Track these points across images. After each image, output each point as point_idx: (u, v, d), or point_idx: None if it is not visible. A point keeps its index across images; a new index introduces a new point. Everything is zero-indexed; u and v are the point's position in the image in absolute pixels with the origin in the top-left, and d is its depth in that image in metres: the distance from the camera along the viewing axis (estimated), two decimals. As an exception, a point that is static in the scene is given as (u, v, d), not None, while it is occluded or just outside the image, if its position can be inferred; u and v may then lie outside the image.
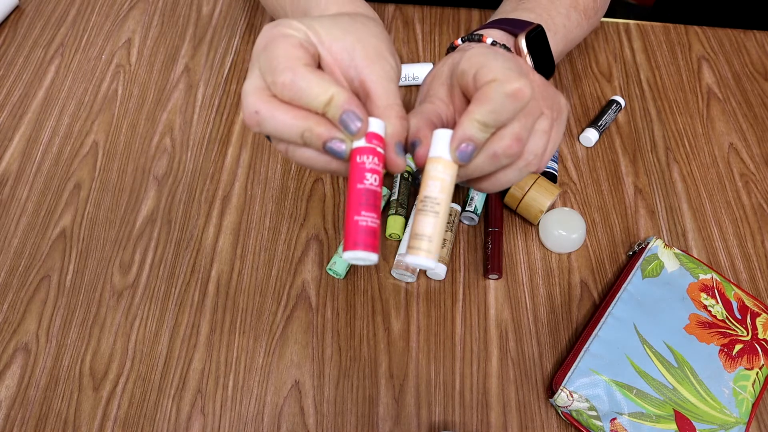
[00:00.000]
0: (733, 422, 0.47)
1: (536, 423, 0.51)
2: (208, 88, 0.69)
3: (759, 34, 0.78)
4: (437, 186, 0.37)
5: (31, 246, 0.58)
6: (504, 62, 0.37)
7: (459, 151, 0.36)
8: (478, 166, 0.38)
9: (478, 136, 0.36)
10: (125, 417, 0.50)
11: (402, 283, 0.57)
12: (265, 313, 0.55)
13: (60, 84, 0.69)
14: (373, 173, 0.36)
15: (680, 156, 0.66)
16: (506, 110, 0.36)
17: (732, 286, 0.54)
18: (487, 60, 0.37)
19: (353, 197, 0.36)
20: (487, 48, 0.40)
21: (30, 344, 0.53)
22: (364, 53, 0.38)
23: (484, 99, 0.36)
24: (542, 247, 0.60)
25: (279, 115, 0.35)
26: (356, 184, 0.36)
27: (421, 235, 0.36)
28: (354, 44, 0.38)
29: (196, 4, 0.77)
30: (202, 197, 0.61)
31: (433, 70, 0.44)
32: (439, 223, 0.37)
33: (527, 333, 0.55)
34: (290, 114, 0.35)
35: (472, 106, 0.36)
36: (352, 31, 0.38)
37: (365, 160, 0.36)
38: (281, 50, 0.35)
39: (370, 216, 0.35)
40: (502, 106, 0.35)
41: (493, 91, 0.35)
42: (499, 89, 0.35)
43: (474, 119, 0.36)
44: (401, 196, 0.59)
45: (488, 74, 0.36)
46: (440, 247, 0.37)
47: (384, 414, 0.51)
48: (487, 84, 0.36)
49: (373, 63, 0.37)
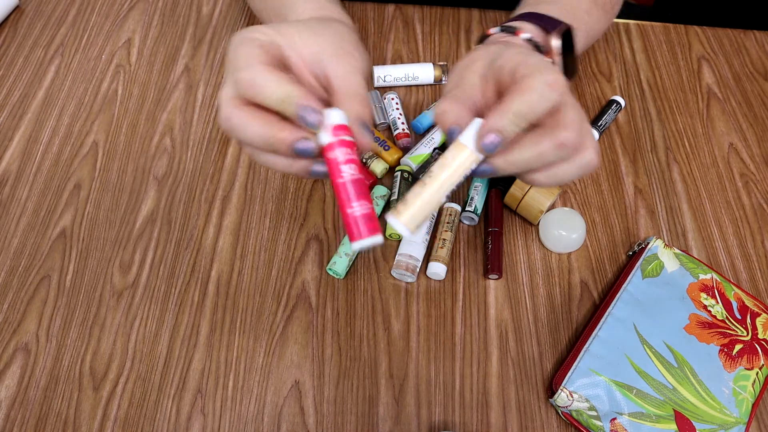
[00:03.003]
0: (733, 422, 0.47)
1: (536, 423, 0.51)
2: (208, 88, 0.69)
3: (759, 34, 0.78)
4: (439, 163, 0.38)
5: (31, 246, 0.58)
6: (541, 59, 0.39)
7: (486, 142, 0.37)
8: (543, 155, 0.38)
9: (508, 129, 0.37)
10: (125, 417, 0.50)
11: (402, 283, 0.57)
12: (265, 313, 0.55)
13: (60, 84, 0.69)
14: (348, 163, 0.37)
15: (680, 156, 0.66)
16: (544, 100, 0.37)
17: (732, 286, 0.54)
18: (525, 58, 0.39)
19: (339, 193, 0.37)
20: (525, 48, 0.43)
21: (30, 344, 0.53)
22: (331, 51, 0.40)
23: (524, 89, 0.37)
24: (542, 247, 0.60)
25: (248, 123, 0.36)
26: (336, 179, 0.37)
27: (403, 199, 0.38)
28: (322, 45, 0.40)
29: (196, 4, 0.77)
30: (202, 197, 0.61)
31: (465, 60, 0.44)
32: (422, 192, 0.38)
33: (527, 333, 0.55)
34: (258, 122, 0.36)
35: (508, 98, 0.37)
36: (321, 33, 0.41)
37: (337, 155, 0.37)
38: (243, 51, 0.37)
39: (360, 204, 0.37)
40: (540, 96, 0.36)
41: (534, 80, 0.36)
42: (540, 78, 0.36)
43: (510, 111, 0.36)
44: (401, 196, 0.59)
45: (527, 69, 0.38)
46: (418, 218, 0.38)
47: (384, 414, 0.51)
48: (528, 75, 0.37)
49: (338, 59, 0.40)
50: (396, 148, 0.63)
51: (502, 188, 0.61)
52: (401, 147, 0.64)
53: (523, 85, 0.37)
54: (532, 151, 0.38)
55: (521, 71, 0.38)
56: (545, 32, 0.50)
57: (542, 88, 0.36)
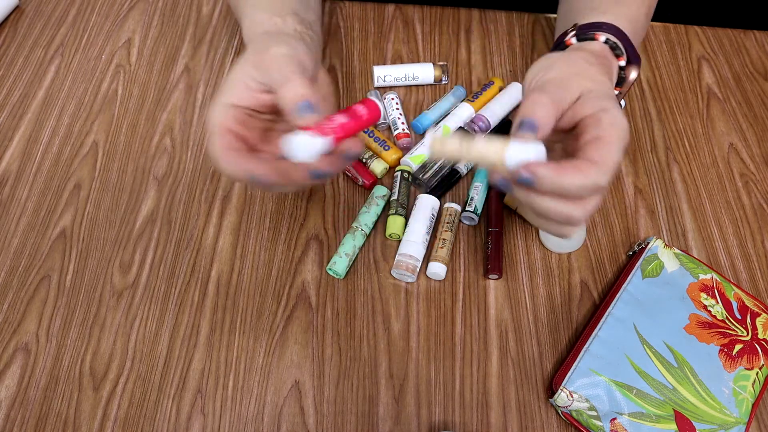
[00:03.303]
0: (732, 422, 0.47)
1: (536, 423, 0.51)
2: (208, 88, 0.69)
3: (759, 34, 0.78)
4: (484, 140, 0.39)
5: (31, 246, 0.58)
6: (615, 117, 0.40)
7: (523, 175, 0.37)
8: (568, 189, 0.38)
9: (545, 184, 0.38)
10: (125, 417, 0.50)
11: (402, 283, 0.57)
12: (265, 313, 0.55)
13: (60, 84, 0.69)
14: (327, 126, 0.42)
15: (680, 156, 0.66)
16: (590, 182, 0.38)
17: (732, 286, 0.54)
18: (602, 114, 0.40)
19: (346, 129, 0.42)
20: (605, 88, 0.43)
21: (30, 344, 0.53)
22: (274, 65, 0.43)
23: (584, 168, 0.38)
24: (542, 247, 0.60)
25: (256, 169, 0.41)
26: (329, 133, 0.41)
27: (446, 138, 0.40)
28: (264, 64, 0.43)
29: (196, 4, 0.77)
30: (202, 197, 0.61)
31: (570, 66, 0.45)
32: (457, 143, 0.39)
33: (527, 333, 0.55)
34: (266, 166, 0.41)
35: (569, 164, 0.38)
36: (261, 51, 0.44)
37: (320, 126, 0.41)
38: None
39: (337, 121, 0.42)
40: (589, 178, 0.37)
41: (595, 165, 0.38)
42: (603, 162, 0.38)
43: (560, 179, 0.37)
44: (401, 196, 0.59)
45: (600, 134, 0.39)
46: (441, 149, 0.39)
47: (384, 414, 0.51)
48: (597, 150, 0.39)
49: (273, 63, 0.42)
50: (396, 148, 0.63)
51: (502, 188, 0.61)
52: (401, 147, 0.64)
53: (585, 163, 0.38)
54: (570, 181, 0.38)
55: (594, 133, 0.39)
56: (628, 61, 0.51)
57: (598, 172, 0.37)
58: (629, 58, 0.51)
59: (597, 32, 0.50)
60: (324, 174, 0.41)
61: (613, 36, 0.50)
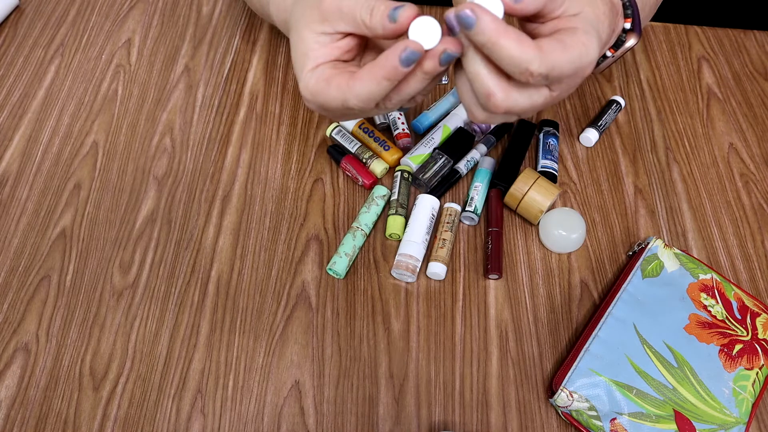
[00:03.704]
0: (732, 422, 0.47)
1: (536, 423, 0.51)
2: (208, 88, 0.69)
3: (759, 34, 0.78)
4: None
5: (31, 246, 0.58)
6: (591, 50, 0.38)
7: (466, 13, 0.34)
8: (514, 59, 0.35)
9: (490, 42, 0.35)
10: (125, 417, 0.50)
11: (402, 283, 0.57)
12: (265, 313, 0.55)
13: (60, 84, 0.69)
14: None
15: (680, 156, 0.66)
16: (564, 74, 0.36)
17: (732, 286, 0.54)
18: (592, 33, 0.38)
19: None
20: (596, 32, 0.40)
21: (30, 344, 0.53)
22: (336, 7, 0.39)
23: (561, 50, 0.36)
24: (542, 247, 0.60)
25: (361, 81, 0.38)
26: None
27: None
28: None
29: (196, 4, 0.77)
30: (202, 197, 0.61)
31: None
32: None
33: (527, 333, 0.55)
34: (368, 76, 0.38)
35: (542, 41, 0.36)
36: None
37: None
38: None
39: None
40: (525, 64, 0.35)
41: (572, 51, 0.36)
42: (576, 48, 0.37)
43: (510, 46, 0.35)
44: (401, 196, 0.60)
45: (575, 23, 0.37)
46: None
47: (384, 414, 0.51)
48: (572, 34, 0.37)
49: (335, 6, 0.39)
50: (396, 148, 0.63)
51: (502, 188, 0.61)
52: (401, 147, 0.64)
53: (529, 42, 0.35)
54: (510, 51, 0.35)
55: (559, 36, 0.37)
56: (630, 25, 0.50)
57: (537, 56, 0.35)
58: (633, 25, 0.49)
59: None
60: (454, 55, 0.37)
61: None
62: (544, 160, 0.63)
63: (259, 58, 0.72)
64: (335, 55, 0.40)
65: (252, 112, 0.67)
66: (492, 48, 0.35)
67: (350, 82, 0.38)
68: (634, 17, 0.49)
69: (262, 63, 0.71)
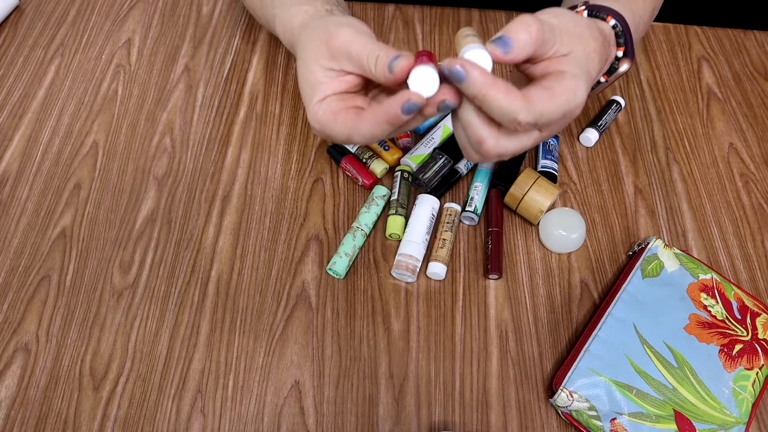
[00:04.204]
0: (732, 422, 0.47)
1: (536, 423, 0.51)
2: (208, 88, 0.69)
3: (759, 34, 0.78)
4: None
5: (31, 246, 0.58)
6: (579, 94, 0.40)
7: (456, 68, 0.37)
8: (503, 108, 0.38)
9: (474, 90, 0.37)
10: (125, 417, 0.50)
11: (402, 283, 0.57)
12: (265, 313, 0.55)
13: (60, 84, 0.69)
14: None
15: (680, 156, 0.66)
16: (553, 119, 0.39)
17: (732, 286, 0.54)
18: (581, 77, 0.40)
19: None
20: (586, 74, 0.42)
21: (30, 344, 0.53)
22: (343, 49, 0.42)
23: (532, 99, 0.38)
24: (542, 247, 0.60)
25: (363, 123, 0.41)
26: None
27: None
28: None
29: (196, 4, 0.77)
30: (202, 197, 0.61)
31: (555, 20, 0.43)
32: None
33: (527, 333, 0.55)
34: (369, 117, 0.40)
35: (527, 89, 0.38)
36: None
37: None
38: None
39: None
40: (513, 115, 0.37)
41: (561, 100, 0.38)
42: (570, 100, 0.39)
43: (498, 98, 0.37)
44: (401, 196, 0.60)
45: (566, 68, 0.40)
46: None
47: (384, 414, 0.51)
48: (560, 81, 0.39)
49: (342, 48, 0.41)
50: (396, 148, 0.63)
51: (502, 188, 0.61)
52: (401, 147, 0.64)
53: (516, 93, 0.37)
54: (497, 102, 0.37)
55: (548, 84, 0.39)
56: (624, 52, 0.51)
57: (525, 107, 0.37)
58: (626, 51, 0.51)
59: (609, 15, 0.49)
60: (451, 105, 0.39)
61: (620, 24, 0.49)
62: (544, 160, 0.63)
63: (259, 58, 0.72)
64: (343, 88, 0.42)
65: (252, 112, 0.67)
66: (482, 100, 0.37)
67: (355, 121, 0.40)
68: (626, 45, 0.50)
69: (262, 63, 0.71)
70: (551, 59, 0.41)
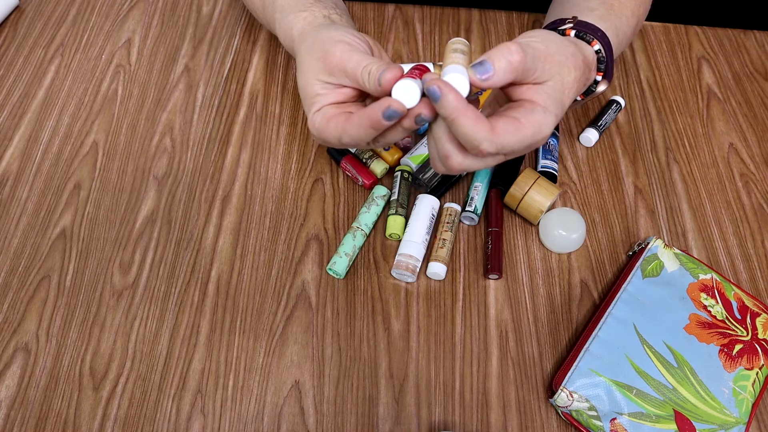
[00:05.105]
0: (732, 422, 0.47)
1: (536, 423, 0.51)
2: (208, 88, 0.69)
3: (759, 34, 0.78)
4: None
5: (31, 246, 0.58)
6: (546, 127, 0.42)
7: (432, 88, 0.38)
8: (468, 135, 0.39)
9: (452, 118, 0.39)
10: (125, 417, 0.50)
11: (402, 283, 0.57)
12: (265, 313, 0.55)
13: (60, 84, 0.69)
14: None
15: (680, 156, 0.66)
16: (517, 147, 0.41)
17: (732, 286, 0.54)
18: (552, 110, 0.43)
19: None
20: (560, 106, 0.44)
21: (30, 344, 0.53)
22: (338, 66, 0.45)
23: (502, 131, 0.40)
24: (542, 247, 0.60)
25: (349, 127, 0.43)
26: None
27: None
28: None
29: (196, 4, 0.77)
30: (202, 197, 0.61)
31: (542, 46, 0.44)
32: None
33: (527, 333, 0.55)
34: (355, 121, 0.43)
35: (495, 118, 0.41)
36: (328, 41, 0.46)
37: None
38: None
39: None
40: (476, 142, 0.39)
41: (525, 134, 0.41)
42: (536, 131, 0.41)
43: (466, 124, 0.39)
44: (401, 196, 0.60)
45: (539, 100, 0.42)
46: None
47: (384, 414, 0.51)
48: (531, 113, 0.41)
49: (337, 64, 0.44)
50: (396, 148, 0.63)
51: (502, 188, 0.61)
52: (401, 147, 0.64)
53: (483, 122, 0.39)
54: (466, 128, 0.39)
55: (516, 115, 0.41)
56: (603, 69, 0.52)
57: (488, 137, 0.39)
58: (605, 75, 0.52)
59: (595, 39, 0.51)
60: (427, 119, 0.41)
61: (603, 49, 0.51)
62: (544, 160, 0.63)
63: (259, 58, 0.72)
64: (339, 99, 0.46)
65: (252, 112, 0.67)
66: (451, 122, 0.39)
67: (344, 123, 0.43)
68: (607, 69, 0.52)
69: (262, 63, 0.71)
70: (529, 86, 0.43)
